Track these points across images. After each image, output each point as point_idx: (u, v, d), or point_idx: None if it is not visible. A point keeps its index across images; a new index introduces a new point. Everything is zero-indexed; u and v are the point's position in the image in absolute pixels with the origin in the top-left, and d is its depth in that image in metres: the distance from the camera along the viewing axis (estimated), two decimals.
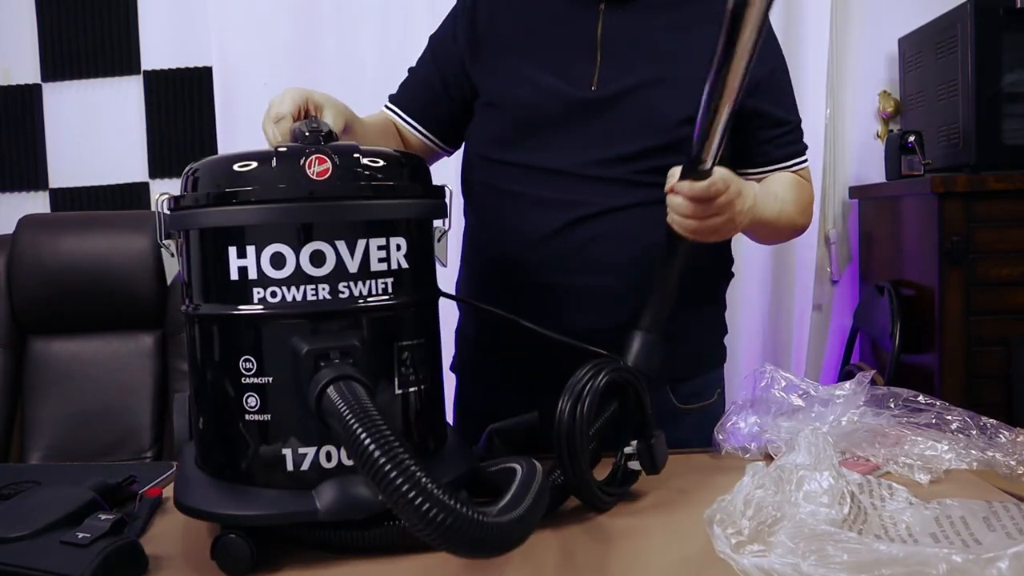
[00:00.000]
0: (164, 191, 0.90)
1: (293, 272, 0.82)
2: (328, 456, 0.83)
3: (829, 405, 1.12)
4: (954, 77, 2.20)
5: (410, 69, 1.35)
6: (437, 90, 1.30)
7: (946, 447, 1.06)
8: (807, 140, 1.31)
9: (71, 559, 0.77)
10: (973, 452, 1.06)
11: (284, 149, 0.86)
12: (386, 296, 0.86)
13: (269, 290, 0.83)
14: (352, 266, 0.84)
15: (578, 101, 1.18)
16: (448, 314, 1.08)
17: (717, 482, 1.00)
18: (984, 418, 1.11)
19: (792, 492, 0.86)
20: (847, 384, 1.15)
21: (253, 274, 0.83)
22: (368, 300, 0.84)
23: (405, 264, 0.87)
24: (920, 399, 1.15)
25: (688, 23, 1.19)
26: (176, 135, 2.55)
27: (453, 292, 1.27)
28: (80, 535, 0.80)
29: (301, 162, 0.83)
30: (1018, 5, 2.09)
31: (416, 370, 0.89)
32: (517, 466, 0.82)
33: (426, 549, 0.78)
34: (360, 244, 0.84)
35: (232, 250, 0.83)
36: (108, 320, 1.78)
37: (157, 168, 2.57)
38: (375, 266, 0.85)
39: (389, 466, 0.67)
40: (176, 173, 2.53)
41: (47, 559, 0.78)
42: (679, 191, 0.98)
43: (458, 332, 1.36)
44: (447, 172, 1.43)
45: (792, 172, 1.28)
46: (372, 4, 2.44)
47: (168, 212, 0.89)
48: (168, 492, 0.97)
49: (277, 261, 0.82)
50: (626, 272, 1.17)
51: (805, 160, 1.30)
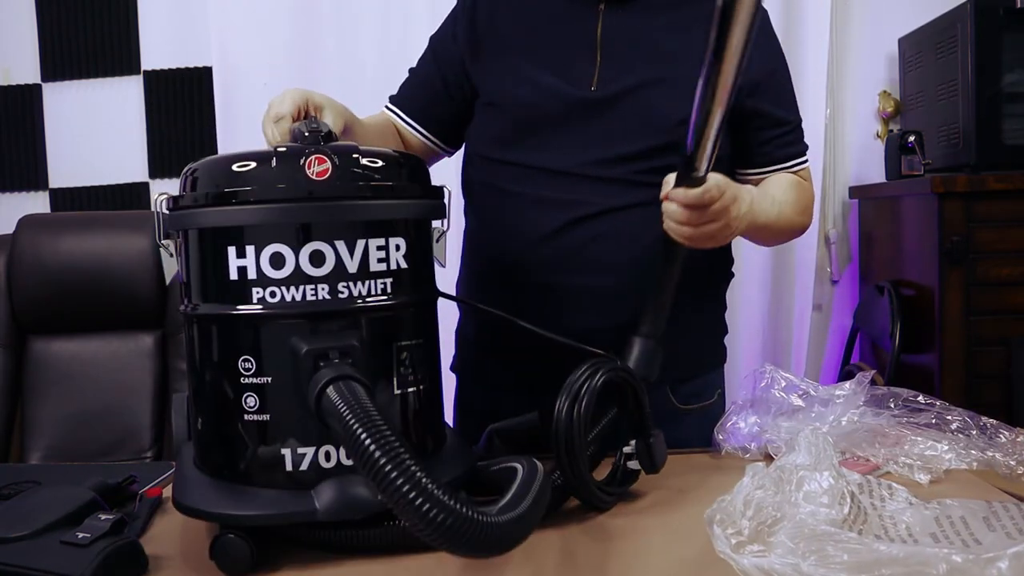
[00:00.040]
0: (164, 191, 0.90)
1: (292, 272, 0.82)
2: (327, 456, 0.83)
3: (829, 405, 1.12)
4: (954, 77, 2.20)
5: (410, 69, 1.35)
6: (438, 90, 1.30)
7: (946, 447, 1.06)
8: (807, 140, 1.31)
9: (71, 559, 0.77)
10: (973, 452, 1.06)
11: (283, 149, 0.86)
12: (385, 296, 0.86)
13: (268, 290, 0.83)
14: (351, 266, 0.84)
15: (578, 101, 1.18)
16: (448, 314, 1.08)
17: (717, 482, 1.00)
18: (984, 418, 1.11)
19: (792, 492, 0.86)
20: (847, 384, 1.15)
21: (252, 274, 0.83)
22: (367, 300, 0.85)
23: (404, 264, 0.87)
24: (920, 399, 1.15)
25: (688, 23, 1.19)
26: (176, 135, 2.55)
27: (453, 292, 1.27)
28: (80, 535, 0.80)
29: (300, 162, 0.83)
30: (1018, 5, 2.09)
31: (415, 370, 0.89)
32: (518, 465, 0.82)
33: (426, 549, 0.78)
34: (359, 244, 0.84)
35: (231, 250, 0.83)
36: (108, 320, 1.79)
37: (157, 168, 2.57)
38: (374, 266, 0.85)
39: (389, 466, 0.67)
40: (176, 173, 2.53)
41: (47, 559, 0.78)
42: (673, 198, 0.98)
43: (458, 332, 1.36)
44: (447, 172, 1.42)
45: (792, 172, 1.28)
46: (372, 4, 2.44)
47: (167, 212, 0.89)
48: (168, 492, 0.97)
49: (276, 261, 0.82)
50: (626, 272, 1.17)
51: (806, 160, 1.30)
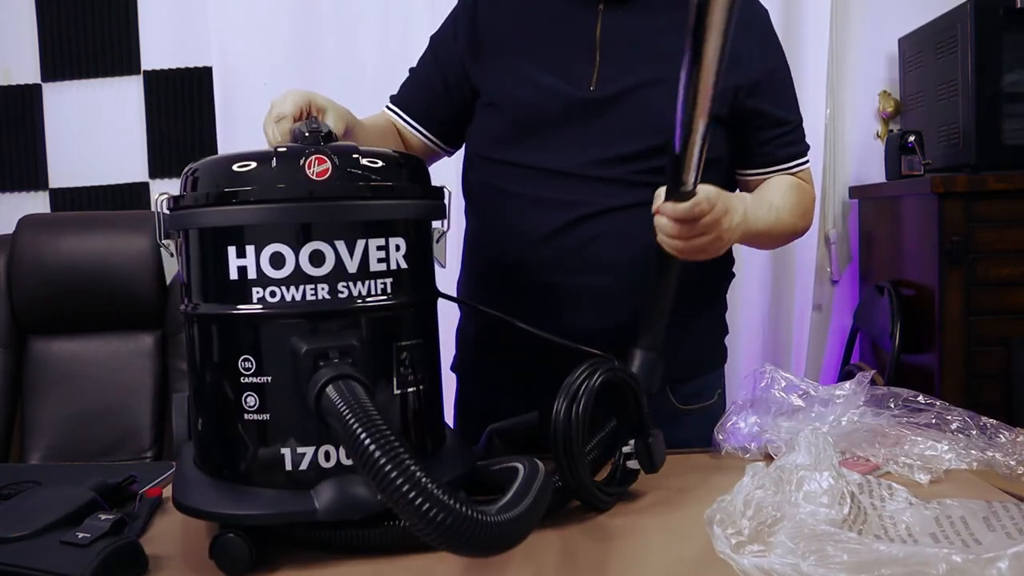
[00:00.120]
0: (164, 191, 0.90)
1: (292, 272, 0.82)
2: (327, 456, 0.83)
3: (829, 405, 1.12)
4: (954, 77, 2.20)
5: (411, 69, 1.35)
6: (438, 90, 1.30)
7: (946, 447, 1.06)
8: (807, 140, 1.31)
9: (71, 559, 0.77)
10: (973, 452, 1.06)
11: (284, 149, 0.86)
12: (385, 296, 0.86)
13: (268, 290, 0.83)
14: (351, 266, 0.84)
15: (578, 101, 1.18)
16: (448, 314, 1.08)
17: (717, 482, 1.00)
18: (984, 418, 1.11)
19: (792, 492, 0.86)
20: (847, 384, 1.15)
21: (252, 274, 0.83)
22: (367, 300, 0.85)
23: (404, 264, 0.87)
24: (920, 399, 1.15)
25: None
26: (176, 135, 2.55)
27: (454, 293, 1.27)
28: (80, 535, 0.80)
29: (301, 162, 0.83)
30: (1018, 5, 2.09)
31: (415, 370, 0.89)
32: (520, 465, 0.82)
33: (426, 549, 0.78)
34: (359, 244, 0.84)
35: (231, 250, 0.83)
36: (108, 320, 1.79)
37: (157, 168, 2.57)
38: (374, 266, 0.85)
39: (389, 465, 0.67)
40: (176, 173, 2.53)
41: (47, 559, 0.78)
42: (663, 212, 0.98)
43: (458, 332, 1.36)
44: (447, 172, 1.42)
45: (793, 174, 1.28)
46: (372, 4, 2.44)
47: (168, 212, 0.89)
48: (168, 492, 0.97)
49: (276, 261, 0.82)
50: (626, 272, 1.17)
51: (806, 160, 1.30)
